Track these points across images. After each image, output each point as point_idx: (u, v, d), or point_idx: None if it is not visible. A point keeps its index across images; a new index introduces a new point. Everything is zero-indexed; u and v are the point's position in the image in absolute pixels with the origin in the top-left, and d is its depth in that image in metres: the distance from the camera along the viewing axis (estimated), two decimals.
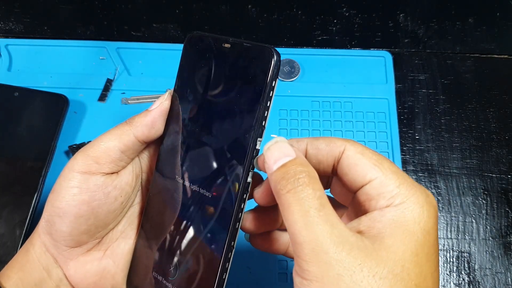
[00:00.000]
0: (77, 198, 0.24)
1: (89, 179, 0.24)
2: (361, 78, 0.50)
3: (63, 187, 0.24)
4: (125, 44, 0.51)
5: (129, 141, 0.25)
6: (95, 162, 0.24)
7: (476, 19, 0.54)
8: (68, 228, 0.24)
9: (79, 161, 0.24)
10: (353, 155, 0.21)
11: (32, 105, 0.46)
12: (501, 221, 0.44)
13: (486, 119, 0.49)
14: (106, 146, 0.24)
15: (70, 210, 0.24)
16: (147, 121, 0.25)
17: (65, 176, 0.24)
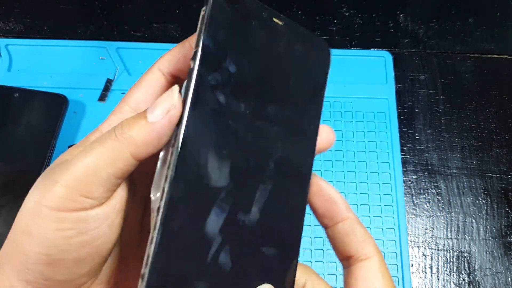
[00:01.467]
0: (74, 242, 0.18)
1: (86, 217, 0.18)
2: (361, 78, 0.50)
3: (49, 230, 0.18)
4: (125, 44, 0.51)
5: (126, 165, 0.18)
6: (87, 197, 0.18)
7: (476, 19, 0.54)
8: (64, 275, 0.18)
9: (64, 195, 0.18)
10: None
11: (31, 105, 0.46)
12: (501, 221, 0.44)
13: (486, 119, 0.49)
14: (96, 176, 0.18)
15: (67, 256, 0.18)
16: (151, 139, 0.18)
17: (45, 215, 0.18)
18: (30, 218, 0.18)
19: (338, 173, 0.46)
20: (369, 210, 0.44)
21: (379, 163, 0.46)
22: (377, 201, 0.44)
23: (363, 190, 0.45)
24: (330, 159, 0.46)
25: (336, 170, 0.46)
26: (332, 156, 0.46)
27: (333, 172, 0.46)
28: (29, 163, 0.43)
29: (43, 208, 0.18)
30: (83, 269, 0.19)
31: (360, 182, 0.45)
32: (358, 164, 0.46)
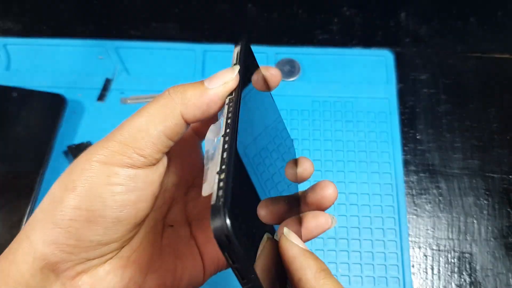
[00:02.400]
0: (121, 198, 0.18)
1: (136, 175, 0.19)
2: (362, 77, 0.50)
3: (97, 184, 0.18)
4: (124, 43, 0.51)
5: (177, 125, 0.19)
6: (138, 153, 0.19)
7: (477, 18, 0.54)
8: (99, 236, 0.18)
9: (117, 150, 0.18)
10: None
11: (30, 105, 0.45)
12: (502, 222, 0.44)
13: (487, 119, 0.49)
14: (148, 133, 0.19)
15: (109, 213, 0.18)
16: (202, 102, 0.19)
17: (96, 169, 0.18)
18: (77, 174, 0.18)
19: (339, 173, 0.45)
20: (370, 211, 0.44)
21: (380, 163, 0.46)
22: (378, 202, 0.44)
23: (364, 191, 0.45)
24: (330, 159, 0.46)
25: (337, 170, 0.45)
26: (332, 156, 0.46)
27: (334, 172, 0.45)
28: (28, 163, 0.43)
29: (94, 163, 0.18)
30: (117, 232, 0.19)
31: (361, 182, 0.45)
32: (359, 164, 0.46)
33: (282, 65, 0.50)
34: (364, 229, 0.43)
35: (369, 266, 0.42)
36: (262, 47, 0.51)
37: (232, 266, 0.15)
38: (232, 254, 0.15)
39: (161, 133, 0.19)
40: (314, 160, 0.46)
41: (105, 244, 0.19)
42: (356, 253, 0.42)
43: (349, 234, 0.43)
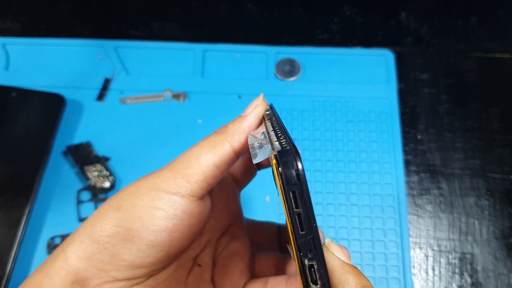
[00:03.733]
0: (159, 223, 0.19)
1: (178, 203, 0.20)
2: (362, 77, 0.50)
3: (140, 206, 0.19)
4: (124, 43, 0.50)
5: (225, 152, 0.21)
6: (186, 181, 0.20)
7: (478, 18, 0.54)
8: (132, 256, 0.19)
9: (166, 178, 0.20)
10: None
11: (29, 105, 0.45)
12: (504, 222, 0.44)
13: (488, 119, 0.48)
14: (198, 161, 0.20)
15: (145, 235, 0.19)
16: (243, 127, 0.21)
17: (143, 193, 0.19)
18: (125, 195, 0.20)
19: (339, 173, 0.45)
20: (371, 211, 0.43)
21: (381, 163, 0.45)
22: (379, 202, 0.44)
23: (365, 191, 0.44)
24: (331, 159, 0.46)
25: (338, 170, 0.45)
26: (333, 156, 0.46)
27: (334, 172, 0.45)
28: (27, 164, 0.43)
29: (143, 188, 0.20)
30: (149, 256, 0.19)
31: (362, 182, 0.45)
32: (360, 164, 0.45)
33: (282, 65, 0.50)
34: (365, 230, 0.43)
35: (369, 266, 0.41)
36: (262, 47, 0.51)
37: (292, 213, 0.15)
38: (298, 196, 0.14)
39: (210, 161, 0.20)
40: (315, 160, 0.46)
41: (136, 267, 0.20)
42: (357, 253, 0.42)
43: (350, 235, 0.42)
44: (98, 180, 0.43)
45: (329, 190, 0.44)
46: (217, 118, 0.47)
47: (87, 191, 0.43)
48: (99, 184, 0.43)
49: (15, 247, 0.39)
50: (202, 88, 0.49)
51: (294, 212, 0.15)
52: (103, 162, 0.44)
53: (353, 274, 0.17)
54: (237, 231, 0.27)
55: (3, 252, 0.39)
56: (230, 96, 0.48)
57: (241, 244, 0.26)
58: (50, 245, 0.41)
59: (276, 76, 0.49)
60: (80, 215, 0.42)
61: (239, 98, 0.48)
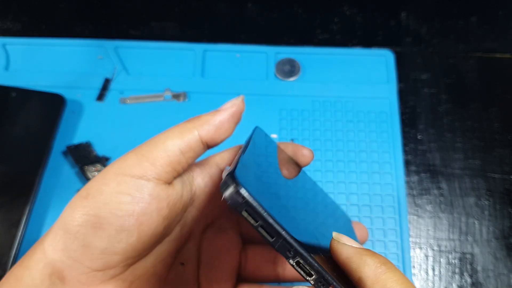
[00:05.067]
0: (125, 207, 0.19)
1: (144, 187, 0.20)
2: (362, 77, 0.50)
3: (106, 192, 0.19)
4: (124, 43, 0.50)
5: (192, 140, 0.21)
6: (151, 164, 0.20)
7: (478, 18, 0.54)
8: (103, 243, 0.19)
9: (131, 162, 0.20)
10: None
11: (29, 105, 0.45)
12: (504, 222, 0.44)
13: (489, 119, 0.48)
14: (165, 145, 0.21)
15: (113, 220, 0.19)
16: (215, 119, 0.22)
17: (109, 178, 0.20)
18: (93, 184, 0.20)
19: (339, 173, 0.45)
20: (371, 211, 0.43)
21: (381, 163, 0.45)
22: (379, 202, 0.44)
23: (364, 191, 0.44)
24: (331, 159, 0.46)
25: (337, 170, 0.45)
26: (333, 156, 0.46)
27: (334, 173, 0.45)
28: (26, 164, 0.43)
29: (109, 173, 0.20)
30: (120, 242, 0.19)
31: (361, 182, 0.45)
32: (359, 164, 0.45)
33: (282, 65, 0.50)
34: None
35: None
36: (262, 47, 0.51)
37: (255, 227, 0.15)
38: (250, 212, 0.15)
39: (177, 146, 0.21)
40: (314, 160, 0.46)
41: (109, 253, 0.20)
42: None
43: None
44: None
45: (329, 190, 0.44)
46: None
47: None
48: None
49: (15, 247, 0.39)
50: (202, 88, 0.49)
51: (257, 226, 0.15)
52: (103, 162, 0.44)
53: (369, 255, 0.17)
54: (225, 224, 0.26)
55: (3, 252, 0.39)
56: (230, 96, 0.48)
57: (228, 239, 0.26)
58: None
59: (276, 76, 0.49)
60: None
61: None
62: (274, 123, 0.47)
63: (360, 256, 0.17)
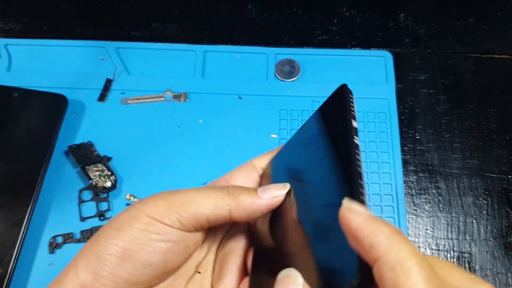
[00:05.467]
0: (154, 244, 0.21)
1: (173, 231, 0.21)
2: (361, 78, 0.50)
3: (137, 229, 0.21)
4: (125, 44, 0.51)
5: (222, 216, 0.22)
6: (178, 220, 0.22)
7: (476, 18, 0.54)
8: (127, 274, 0.21)
9: (162, 210, 0.21)
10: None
11: (31, 105, 0.46)
12: (501, 222, 0.44)
13: (486, 119, 0.49)
14: (196, 208, 0.22)
15: (142, 255, 0.21)
16: (251, 207, 0.22)
17: (140, 218, 0.21)
18: (125, 218, 0.22)
19: None
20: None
21: (380, 163, 0.46)
22: (378, 202, 0.44)
23: None
24: None
25: None
26: None
27: None
28: (29, 164, 0.43)
29: (141, 213, 0.21)
30: (145, 275, 0.21)
31: None
32: None
33: (282, 65, 0.50)
34: None
35: None
36: (262, 48, 0.51)
37: None
38: None
39: (205, 216, 0.22)
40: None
41: (133, 283, 0.21)
42: None
43: None
44: (99, 180, 0.43)
45: None
46: (217, 118, 0.47)
47: (89, 190, 0.44)
48: (101, 183, 0.43)
49: (17, 246, 0.39)
50: (203, 89, 0.49)
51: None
52: (105, 162, 0.44)
53: (383, 223, 0.17)
54: (236, 229, 0.27)
55: (5, 251, 0.39)
56: (230, 96, 0.49)
57: (235, 242, 0.26)
58: (52, 244, 0.41)
59: (276, 77, 0.50)
60: (82, 215, 0.43)
61: (239, 98, 0.49)
62: (274, 123, 0.47)
63: (374, 223, 0.17)
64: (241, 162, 0.25)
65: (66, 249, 0.41)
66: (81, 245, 0.41)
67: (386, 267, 0.15)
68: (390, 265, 0.15)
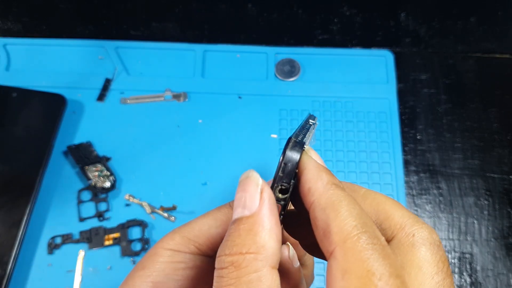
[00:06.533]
0: (181, 273, 0.22)
1: (196, 258, 0.23)
2: (362, 77, 0.50)
3: (161, 262, 0.22)
4: (124, 43, 0.51)
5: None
6: (196, 247, 0.23)
7: (477, 18, 0.54)
8: None
9: (178, 241, 0.23)
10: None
11: (30, 105, 0.45)
12: (503, 222, 0.44)
13: (488, 119, 0.49)
14: (209, 233, 0.23)
15: (171, 285, 0.22)
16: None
17: (160, 253, 0.22)
18: (147, 257, 0.23)
19: (339, 173, 0.45)
20: None
21: (380, 164, 0.46)
22: None
23: None
24: (331, 159, 0.46)
25: (337, 170, 0.45)
26: (333, 157, 0.46)
27: (334, 173, 0.45)
28: (27, 164, 0.43)
29: (160, 249, 0.22)
30: None
31: (361, 182, 0.45)
32: (359, 164, 0.46)
33: (282, 65, 0.50)
34: None
35: None
36: (262, 47, 0.51)
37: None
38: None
39: (219, 235, 0.22)
40: None
41: None
42: None
43: None
44: (98, 180, 0.43)
45: None
46: (217, 118, 0.47)
47: (88, 191, 0.43)
48: (100, 184, 0.43)
49: (16, 247, 0.39)
50: (202, 88, 0.49)
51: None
52: (104, 162, 0.44)
53: (326, 172, 0.18)
54: None
55: (4, 252, 0.39)
56: (230, 96, 0.49)
57: None
58: (51, 245, 0.41)
59: (276, 76, 0.50)
60: (81, 215, 0.42)
61: (239, 98, 0.48)
62: (274, 123, 0.47)
63: (318, 171, 0.18)
64: (241, 162, 0.25)
65: (65, 250, 0.41)
66: (80, 246, 0.41)
67: (318, 209, 0.16)
68: (322, 207, 0.16)
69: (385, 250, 0.15)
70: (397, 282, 0.14)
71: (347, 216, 0.15)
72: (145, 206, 0.43)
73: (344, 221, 0.15)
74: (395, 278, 0.14)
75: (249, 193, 0.17)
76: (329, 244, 0.15)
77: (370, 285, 0.14)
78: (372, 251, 0.14)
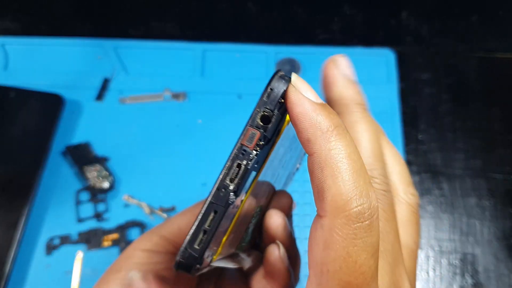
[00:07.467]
0: (157, 267, 0.23)
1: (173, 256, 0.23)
2: (363, 77, 0.49)
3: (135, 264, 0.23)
4: (123, 42, 0.50)
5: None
6: (176, 247, 0.23)
7: (479, 17, 0.54)
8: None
9: (155, 241, 0.23)
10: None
11: (27, 105, 0.45)
12: (505, 223, 0.44)
13: (490, 119, 0.48)
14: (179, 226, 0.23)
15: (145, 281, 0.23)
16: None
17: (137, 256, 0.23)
18: (121, 259, 0.23)
19: None
20: None
21: None
22: None
23: None
24: None
25: None
26: None
27: None
28: (25, 164, 0.43)
29: (137, 251, 0.22)
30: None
31: None
32: None
33: (282, 64, 0.50)
34: None
35: None
36: (262, 47, 0.51)
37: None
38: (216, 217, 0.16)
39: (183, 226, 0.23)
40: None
41: None
42: None
43: None
44: (97, 181, 0.43)
45: None
46: (216, 118, 0.47)
47: (86, 191, 0.43)
48: (98, 184, 0.43)
49: (13, 248, 0.39)
50: (202, 88, 0.48)
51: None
52: (102, 162, 0.44)
53: (324, 115, 0.15)
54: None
55: (1, 253, 0.39)
56: (230, 96, 0.48)
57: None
58: (49, 246, 0.41)
59: None
60: (79, 216, 0.42)
61: (239, 98, 0.48)
62: None
63: (316, 115, 0.15)
64: None
65: (63, 251, 0.41)
66: (78, 247, 0.41)
67: (317, 166, 0.15)
68: (321, 165, 0.15)
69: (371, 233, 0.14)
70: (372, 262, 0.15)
71: (344, 185, 0.14)
72: (144, 206, 0.43)
73: (340, 192, 0.14)
74: (371, 258, 0.14)
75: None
76: (321, 208, 0.15)
77: (348, 263, 0.14)
78: (357, 231, 0.14)
